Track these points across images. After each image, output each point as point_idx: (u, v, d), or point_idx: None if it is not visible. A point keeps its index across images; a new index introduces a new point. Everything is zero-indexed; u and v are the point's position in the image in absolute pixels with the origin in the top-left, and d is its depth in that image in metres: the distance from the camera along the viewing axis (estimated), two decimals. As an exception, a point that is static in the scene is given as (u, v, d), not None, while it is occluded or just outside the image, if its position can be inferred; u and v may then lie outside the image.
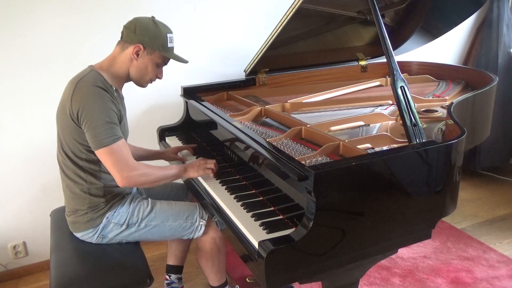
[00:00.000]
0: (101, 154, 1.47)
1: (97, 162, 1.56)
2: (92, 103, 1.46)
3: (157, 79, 1.68)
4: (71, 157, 1.56)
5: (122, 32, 1.59)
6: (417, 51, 2.53)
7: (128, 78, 1.63)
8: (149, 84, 2.46)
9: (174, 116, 2.33)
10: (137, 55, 1.56)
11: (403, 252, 2.42)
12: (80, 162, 1.56)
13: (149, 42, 1.55)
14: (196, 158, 1.94)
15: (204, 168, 1.67)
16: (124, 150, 1.48)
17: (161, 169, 1.60)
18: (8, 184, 2.24)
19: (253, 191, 1.57)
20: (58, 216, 1.84)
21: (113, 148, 1.45)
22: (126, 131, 1.64)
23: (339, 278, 1.41)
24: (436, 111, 1.93)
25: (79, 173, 1.58)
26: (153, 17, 1.60)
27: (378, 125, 1.78)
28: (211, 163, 1.68)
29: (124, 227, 1.62)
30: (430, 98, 2.10)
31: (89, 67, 1.59)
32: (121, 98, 1.66)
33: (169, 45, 1.60)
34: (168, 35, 1.59)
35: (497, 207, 2.93)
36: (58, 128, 1.59)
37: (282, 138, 1.63)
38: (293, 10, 1.78)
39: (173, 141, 2.17)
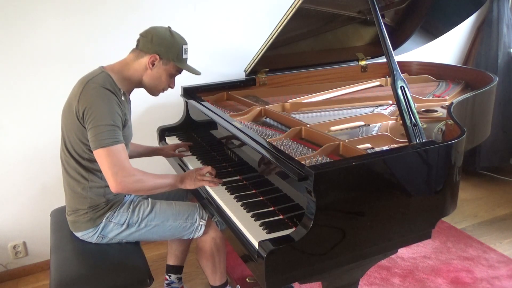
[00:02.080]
0: (99, 154, 1.46)
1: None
2: (98, 104, 1.46)
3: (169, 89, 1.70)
4: (73, 156, 1.57)
5: (138, 40, 1.60)
6: (417, 51, 2.53)
7: (139, 85, 1.64)
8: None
9: (174, 116, 2.33)
10: (153, 65, 1.57)
11: (403, 252, 2.42)
12: (82, 161, 1.56)
13: (165, 52, 1.56)
14: (196, 157, 1.94)
15: (201, 179, 1.64)
16: (122, 154, 1.47)
17: (157, 177, 1.58)
18: (8, 184, 2.23)
19: (253, 191, 1.57)
20: (58, 216, 1.84)
21: (112, 150, 1.45)
22: (130, 135, 1.64)
23: (339, 278, 1.41)
24: (436, 111, 1.93)
25: (81, 172, 1.58)
26: (169, 27, 1.61)
27: (378, 125, 1.78)
28: (207, 170, 1.66)
29: (124, 227, 1.62)
30: (430, 98, 2.10)
31: (99, 68, 1.59)
32: (128, 102, 1.67)
33: (184, 56, 1.62)
34: (184, 46, 1.60)
35: (497, 207, 2.93)
36: (62, 126, 1.60)
37: (282, 138, 1.63)
38: (293, 10, 1.78)
39: (173, 141, 2.17)
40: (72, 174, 1.59)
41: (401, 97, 1.43)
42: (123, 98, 1.57)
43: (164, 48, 1.56)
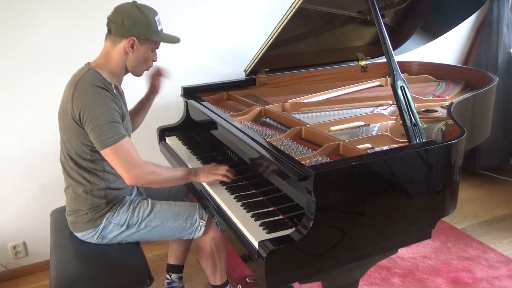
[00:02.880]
0: (107, 153, 1.46)
1: (101, 162, 1.56)
2: (94, 104, 1.46)
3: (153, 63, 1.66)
4: (74, 158, 1.56)
5: (109, 25, 1.55)
6: (417, 51, 2.53)
7: (125, 72, 1.62)
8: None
9: (174, 116, 2.33)
10: (132, 47, 1.54)
11: (403, 252, 2.42)
12: (84, 163, 1.56)
13: (142, 32, 1.52)
14: (196, 157, 1.94)
15: (214, 174, 1.61)
16: (130, 148, 1.48)
17: (171, 169, 1.60)
18: (8, 184, 2.24)
19: (253, 191, 1.57)
20: (58, 216, 1.84)
21: (119, 146, 1.45)
22: (128, 128, 1.64)
23: (339, 278, 1.41)
24: (436, 111, 1.93)
25: (83, 174, 1.57)
26: (134, 3, 1.55)
27: (378, 125, 1.78)
28: (223, 169, 1.62)
29: (124, 227, 1.62)
30: (430, 98, 2.10)
31: (86, 65, 1.58)
32: (122, 94, 1.65)
33: (159, 28, 1.57)
34: (156, 18, 1.55)
35: (497, 207, 2.93)
36: (60, 130, 1.59)
37: (282, 138, 1.63)
38: (293, 10, 1.78)
39: (173, 141, 2.17)
40: (74, 176, 1.59)
41: (401, 97, 1.43)
42: (115, 91, 1.56)
43: (140, 29, 1.51)
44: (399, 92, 1.44)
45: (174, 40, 1.62)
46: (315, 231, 1.18)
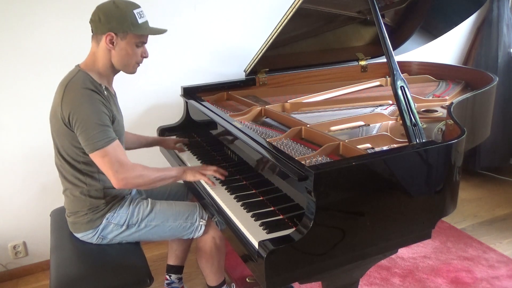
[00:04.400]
0: (96, 157, 1.46)
1: (95, 164, 1.56)
2: (83, 107, 1.44)
3: (144, 59, 1.61)
4: (69, 161, 1.56)
5: (90, 25, 1.54)
6: (417, 51, 2.53)
7: (115, 70, 1.59)
8: (149, 84, 2.46)
9: (174, 116, 2.33)
10: (112, 43, 1.51)
11: (403, 252, 2.42)
12: (78, 165, 1.56)
13: (118, 26, 1.48)
14: (196, 157, 1.94)
15: (201, 173, 1.62)
16: (118, 152, 1.47)
17: (159, 170, 1.58)
18: (8, 184, 2.23)
19: (253, 191, 1.57)
20: (58, 216, 1.84)
21: (107, 150, 1.44)
22: (121, 129, 1.62)
23: (339, 278, 1.41)
24: (436, 111, 1.93)
25: (78, 176, 1.57)
26: (113, 0, 1.53)
27: (378, 125, 1.78)
28: (210, 170, 1.63)
29: (124, 227, 1.62)
30: (430, 98, 2.10)
31: (76, 67, 1.57)
32: (113, 95, 1.63)
33: (140, 21, 1.51)
34: (135, 11, 1.50)
35: (497, 207, 2.93)
36: (53, 133, 1.58)
37: (282, 138, 1.63)
38: (293, 10, 1.78)
39: (173, 141, 2.17)
40: (70, 179, 1.59)
41: (401, 97, 1.43)
42: (105, 93, 1.54)
43: (115, 23, 1.47)
44: (399, 92, 1.44)
45: (157, 31, 1.57)
46: (315, 231, 1.18)
